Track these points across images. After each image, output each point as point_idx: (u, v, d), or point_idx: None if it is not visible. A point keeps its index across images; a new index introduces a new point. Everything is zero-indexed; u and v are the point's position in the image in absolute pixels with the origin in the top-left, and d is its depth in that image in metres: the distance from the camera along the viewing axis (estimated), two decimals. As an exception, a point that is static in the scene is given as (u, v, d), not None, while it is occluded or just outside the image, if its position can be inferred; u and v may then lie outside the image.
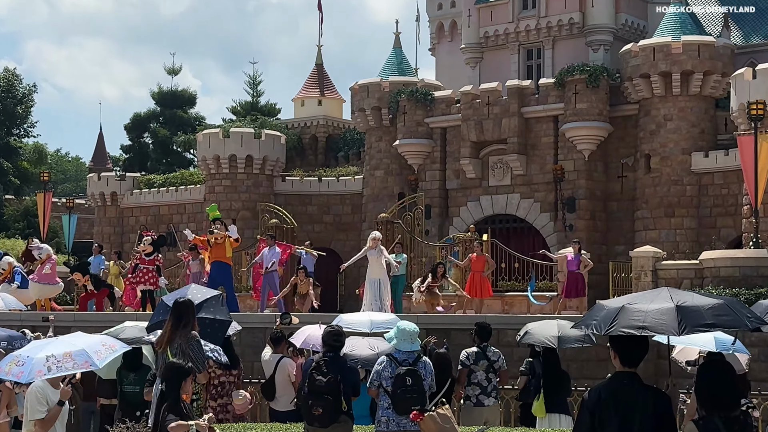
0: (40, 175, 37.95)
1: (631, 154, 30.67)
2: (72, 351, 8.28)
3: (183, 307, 9.07)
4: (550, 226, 31.04)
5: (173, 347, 8.91)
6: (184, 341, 8.90)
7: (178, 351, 8.88)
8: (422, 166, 33.64)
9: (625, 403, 5.82)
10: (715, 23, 34.32)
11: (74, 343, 8.49)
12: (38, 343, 8.81)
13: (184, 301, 9.21)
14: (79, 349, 8.34)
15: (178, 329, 8.90)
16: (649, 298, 6.19)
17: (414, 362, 8.82)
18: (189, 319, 9.00)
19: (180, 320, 8.94)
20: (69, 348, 8.35)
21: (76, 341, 8.62)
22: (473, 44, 35.05)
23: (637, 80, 29.79)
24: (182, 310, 9.03)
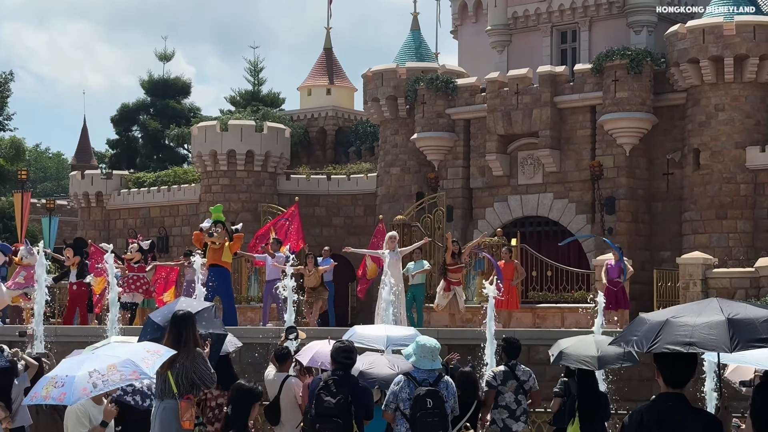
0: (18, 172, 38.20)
1: (678, 149, 30.58)
2: (116, 362, 8.18)
3: (182, 320, 9.04)
4: (586, 229, 30.98)
5: (174, 368, 8.88)
6: (188, 361, 8.88)
7: (181, 372, 8.89)
8: (443, 162, 33.64)
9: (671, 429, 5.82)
10: (773, 1, 34.20)
11: (116, 354, 8.39)
12: (71, 361, 8.65)
13: (184, 314, 9.15)
14: (124, 359, 8.23)
15: (179, 347, 8.86)
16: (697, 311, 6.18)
17: (435, 382, 8.83)
18: (190, 334, 8.97)
19: (180, 336, 8.92)
20: (112, 360, 8.24)
21: (116, 351, 8.52)
22: (500, 26, 35.01)
23: (685, 66, 29.70)
24: (182, 325, 9.00)
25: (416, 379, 8.78)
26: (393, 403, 8.76)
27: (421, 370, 8.88)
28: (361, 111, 40.29)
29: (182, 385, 8.85)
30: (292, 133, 38.94)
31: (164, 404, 8.96)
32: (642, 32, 32.68)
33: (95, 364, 8.16)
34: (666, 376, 6.01)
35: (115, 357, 8.27)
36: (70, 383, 7.99)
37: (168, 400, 8.94)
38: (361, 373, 10.36)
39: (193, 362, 8.87)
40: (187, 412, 8.93)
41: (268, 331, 18.79)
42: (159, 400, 9.03)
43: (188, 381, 8.86)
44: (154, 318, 10.33)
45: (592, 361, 10.73)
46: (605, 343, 10.98)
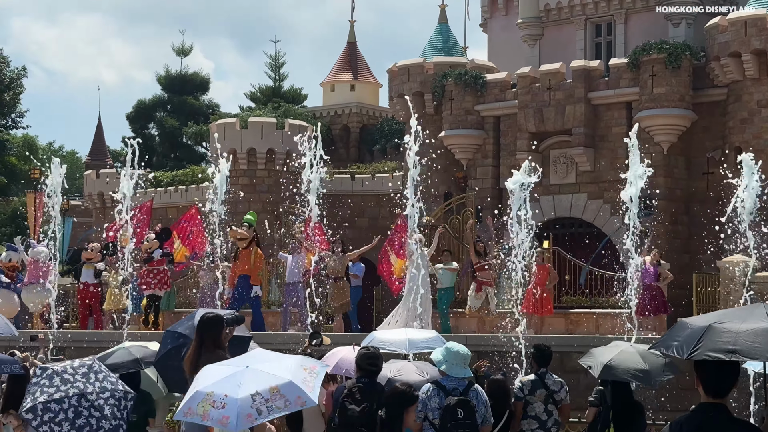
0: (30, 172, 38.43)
1: (719, 147, 30.44)
2: (278, 385, 7.60)
3: (209, 324, 9.20)
4: (622, 231, 30.87)
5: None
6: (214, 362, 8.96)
7: None
8: (472, 161, 33.61)
9: (713, 440, 5.79)
10: (819, -8, 33.99)
11: (275, 373, 7.75)
12: (218, 373, 7.90)
13: (212, 317, 9.31)
14: (286, 380, 7.64)
15: (202, 352, 9.03)
16: (741, 317, 6.15)
17: (465, 391, 8.81)
18: (217, 337, 9.13)
19: (205, 340, 9.09)
20: (272, 380, 7.64)
21: (274, 368, 7.83)
22: (532, 18, 34.96)
23: (726, 60, 29.57)
24: (206, 329, 9.16)
25: (446, 387, 8.77)
26: (422, 413, 8.74)
27: (450, 378, 8.86)
28: (386, 108, 40.35)
29: None
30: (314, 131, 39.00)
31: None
32: (681, 25, 32.57)
33: (256, 384, 7.59)
34: (707, 385, 5.98)
35: (276, 377, 7.69)
36: (232, 407, 7.44)
37: None
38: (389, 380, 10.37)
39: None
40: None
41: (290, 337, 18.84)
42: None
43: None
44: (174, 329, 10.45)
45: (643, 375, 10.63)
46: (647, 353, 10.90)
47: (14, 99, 54.63)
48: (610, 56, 33.01)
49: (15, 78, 54.46)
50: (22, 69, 55.22)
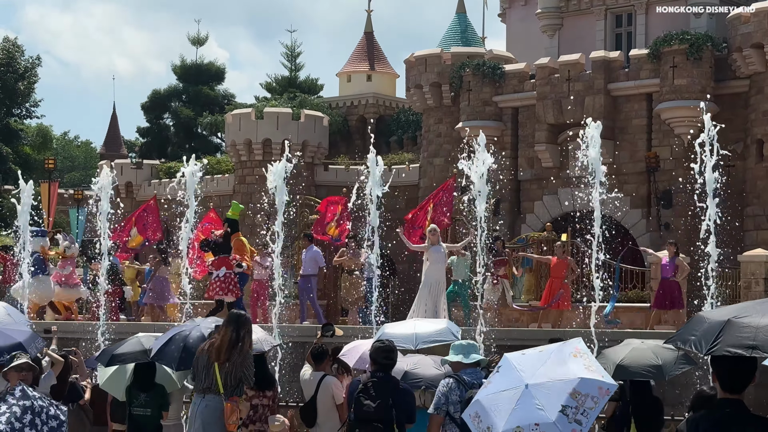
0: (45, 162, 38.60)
1: (741, 140, 30.35)
2: (574, 387, 6.81)
3: (242, 321, 9.45)
4: (642, 224, 30.83)
5: (224, 367, 9.26)
6: (240, 362, 9.28)
7: (230, 371, 9.24)
8: (490, 152, 33.54)
9: (730, 437, 5.79)
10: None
11: (561, 378, 6.91)
12: (501, 407, 6.93)
13: (244, 316, 9.61)
14: (576, 378, 6.85)
15: (235, 346, 9.28)
16: (762, 311, 6.10)
17: (482, 383, 8.83)
18: (246, 336, 9.40)
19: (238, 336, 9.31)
20: (566, 386, 6.83)
21: (554, 374, 6.96)
22: (551, 8, 34.89)
23: (748, 51, 29.47)
24: (240, 326, 9.40)
25: (465, 381, 8.77)
26: (444, 406, 8.74)
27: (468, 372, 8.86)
28: (403, 98, 40.30)
29: (230, 384, 9.22)
30: (330, 122, 39.04)
31: (206, 401, 9.27)
32: (702, 15, 32.43)
33: (556, 398, 6.78)
34: (724, 381, 5.97)
35: (565, 381, 6.88)
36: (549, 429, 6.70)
37: (211, 397, 9.26)
38: (406, 373, 10.38)
39: (244, 363, 9.27)
40: (233, 415, 9.26)
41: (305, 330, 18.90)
42: (200, 396, 9.33)
43: (236, 381, 9.22)
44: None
45: (656, 371, 10.63)
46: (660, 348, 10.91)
47: (28, 88, 54.81)
48: (630, 47, 32.92)
49: (29, 67, 54.62)
50: (37, 58, 55.41)
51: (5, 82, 52.88)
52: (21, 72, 53.92)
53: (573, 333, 18.56)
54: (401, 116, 41.71)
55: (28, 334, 11.35)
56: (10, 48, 53.94)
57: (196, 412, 9.37)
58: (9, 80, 53.03)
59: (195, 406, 9.42)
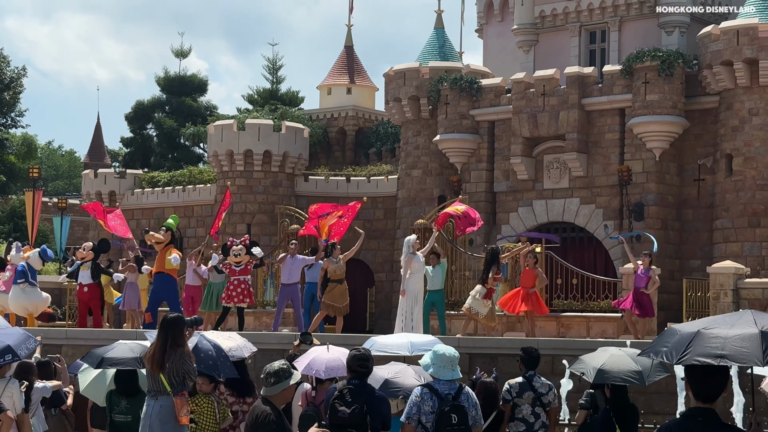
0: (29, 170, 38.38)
1: (710, 154, 30.48)
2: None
3: (172, 324, 9.71)
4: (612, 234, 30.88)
5: (165, 369, 9.56)
6: (178, 361, 9.57)
7: (171, 371, 9.56)
8: (466, 165, 33.63)
9: (701, 445, 5.78)
10: (810, 2, 34.05)
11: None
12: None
13: (174, 318, 9.82)
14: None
15: (167, 350, 9.57)
16: (730, 322, 6.14)
17: (456, 394, 8.78)
18: (177, 336, 9.67)
19: (168, 339, 9.60)
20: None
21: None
22: (527, 25, 34.98)
23: (718, 68, 29.60)
24: (170, 328, 9.67)
25: (438, 391, 8.72)
26: (416, 415, 8.69)
27: (441, 381, 8.82)
28: (382, 111, 40.33)
29: (175, 383, 9.54)
30: (311, 133, 39.01)
31: (160, 402, 9.64)
32: (674, 33, 32.60)
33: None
34: (696, 390, 5.97)
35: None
36: None
37: (163, 398, 9.62)
38: (386, 381, 10.34)
39: (182, 361, 9.56)
40: (183, 408, 9.61)
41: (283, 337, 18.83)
42: (153, 398, 9.68)
43: (180, 378, 9.54)
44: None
45: (637, 377, 10.61)
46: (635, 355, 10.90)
47: (14, 98, 54.59)
48: (603, 63, 33.03)
49: (15, 77, 54.40)
50: (22, 68, 55.19)
51: (-9, 92, 52.67)
52: (6, 82, 53.68)
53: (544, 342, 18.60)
54: (380, 128, 41.73)
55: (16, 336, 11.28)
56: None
57: (150, 413, 9.67)
58: (-6, 90, 52.84)
59: (149, 407, 9.71)
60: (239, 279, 20.85)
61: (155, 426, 9.64)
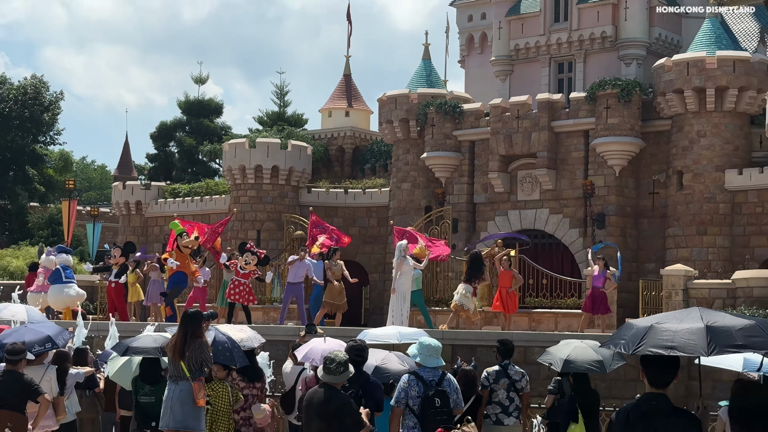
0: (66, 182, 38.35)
1: (663, 171, 30.52)
2: None
3: (192, 318, 9.82)
4: (579, 242, 30.92)
5: (185, 357, 9.68)
6: (196, 350, 9.68)
7: (191, 359, 9.67)
8: (450, 179, 33.62)
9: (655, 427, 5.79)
10: (751, 38, 34.12)
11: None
12: None
13: (193, 312, 9.95)
14: None
15: (187, 340, 9.67)
16: (679, 318, 6.16)
17: (440, 380, 8.78)
18: (197, 329, 9.77)
19: (188, 332, 9.71)
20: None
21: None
22: (503, 57, 35.04)
23: (671, 95, 29.66)
24: (190, 322, 9.78)
25: (423, 378, 8.73)
26: (404, 399, 8.69)
27: (426, 369, 8.83)
28: (376, 131, 40.30)
29: (193, 369, 9.66)
30: (313, 151, 38.97)
31: (180, 386, 9.74)
32: (632, 64, 32.66)
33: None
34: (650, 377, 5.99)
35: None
36: None
37: (183, 383, 9.72)
38: (376, 368, 10.33)
39: (199, 351, 9.68)
40: (201, 392, 9.71)
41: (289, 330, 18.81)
42: (174, 383, 9.78)
43: (197, 365, 9.67)
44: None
45: (598, 366, 10.62)
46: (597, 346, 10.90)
47: (52, 119, 54.48)
48: (570, 90, 33.06)
49: (54, 101, 54.29)
50: (60, 93, 55.07)
51: (32, 114, 52.51)
52: (46, 105, 53.57)
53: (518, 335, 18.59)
54: (374, 147, 41.70)
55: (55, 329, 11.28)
56: (36, 84, 53.62)
57: (172, 396, 9.76)
58: (35, 112, 52.67)
59: (171, 391, 9.80)
60: (240, 280, 20.84)
61: (176, 407, 9.69)
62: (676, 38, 34.01)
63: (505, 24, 34.89)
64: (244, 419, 11.17)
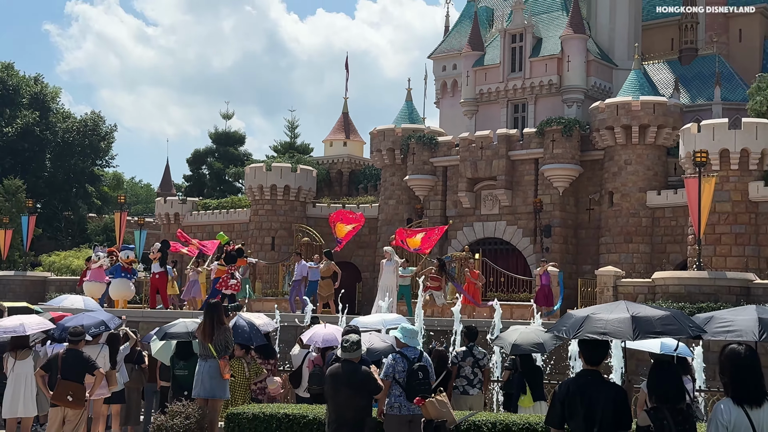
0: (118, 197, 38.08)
1: (597, 191, 30.62)
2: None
3: (214, 308, 9.73)
4: (530, 248, 30.97)
5: (213, 340, 9.57)
6: (221, 334, 9.59)
7: (217, 341, 9.58)
8: (427, 197, 33.65)
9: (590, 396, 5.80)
10: (668, 86, 34.36)
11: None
12: None
13: (215, 303, 9.89)
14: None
15: (213, 325, 9.59)
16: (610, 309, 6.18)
17: (419, 358, 8.77)
18: (221, 316, 9.72)
19: (214, 318, 9.63)
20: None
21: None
22: (470, 99, 35.15)
23: (603, 131, 29.78)
24: (214, 310, 9.69)
25: (407, 356, 8.71)
26: (392, 374, 8.66)
27: (409, 348, 8.81)
28: (368, 158, 40.35)
29: (219, 349, 9.60)
30: (317, 173, 38.95)
31: (209, 363, 9.68)
32: (573, 106, 32.80)
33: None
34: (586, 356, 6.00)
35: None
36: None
37: (211, 360, 9.65)
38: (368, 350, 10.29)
39: (224, 334, 9.62)
40: (225, 368, 9.69)
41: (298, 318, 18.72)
42: (203, 360, 9.72)
43: (223, 346, 9.61)
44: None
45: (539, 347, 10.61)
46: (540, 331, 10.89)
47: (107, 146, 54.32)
48: (524, 126, 33.17)
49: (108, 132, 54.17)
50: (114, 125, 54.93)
51: (91, 142, 52.39)
52: (102, 135, 53.42)
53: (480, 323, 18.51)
54: (367, 171, 41.74)
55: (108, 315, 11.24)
56: (95, 118, 53.52)
57: (202, 371, 9.71)
58: (94, 141, 52.57)
59: (201, 367, 9.75)
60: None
61: (206, 380, 9.64)
62: (608, 86, 34.18)
63: (472, 73, 34.98)
64: (260, 389, 11.13)
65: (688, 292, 20.58)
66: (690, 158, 25.30)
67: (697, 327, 6.26)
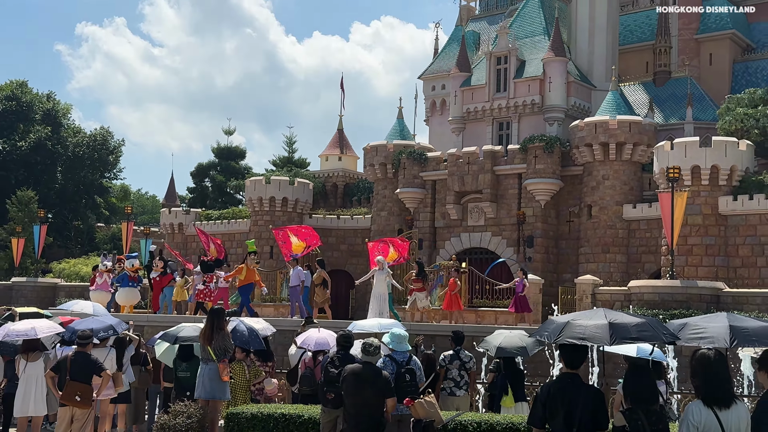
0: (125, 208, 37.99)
1: (577, 204, 30.68)
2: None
3: (218, 314, 9.78)
4: (513, 258, 30.97)
5: (212, 344, 9.60)
6: (221, 339, 9.61)
7: (217, 346, 9.58)
8: (417, 209, 33.65)
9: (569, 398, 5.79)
10: (643, 106, 34.52)
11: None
12: None
13: (217, 309, 9.90)
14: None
15: (214, 330, 9.63)
16: (588, 316, 6.19)
17: (408, 361, 8.76)
18: (222, 322, 9.76)
19: (215, 324, 9.68)
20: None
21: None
22: (458, 117, 35.23)
23: (583, 148, 29.88)
24: (216, 316, 9.74)
25: (396, 360, 8.71)
26: None
27: (398, 352, 8.80)
28: (362, 172, 40.36)
29: (218, 353, 9.62)
30: (313, 186, 38.93)
31: (209, 366, 9.69)
32: (554, 124, 32.90)
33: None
34: (566, 360, 5.99)
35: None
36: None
37: (211, 363, 9.66)
38: None
39: (223, 339, 9.64)
40: (225, 371, 9.70)
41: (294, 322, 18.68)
42: (204, 363, 9.73)
43: (222, 350, 9.64)
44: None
45: (521, 351, 10.59)
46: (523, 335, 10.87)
47: (115, 160, 54.23)
48: (508, 143, 33.25)
49: (116, 146, 54.10)
50: (121, 140, 54.89)
51: (100, 156, 52.30)
52: (111, 149, 53.34)
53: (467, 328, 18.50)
54: (360, 184, 41.74)
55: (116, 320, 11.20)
56: (103, 133, 53.46)
57: (203, 373, 9.73)
58: (103, 155, 52.49)
59: (202, 369, 9.78)
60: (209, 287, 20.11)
61: (206, 382, 9.65)
62: (587, 105, 34.32)
63: (460, 93, 35.08)
64: (259, 390, 11.09)
65: (662, 300, 20.64)
66: (663, 174, 25.43)
67: (670, 334, 6.28)
